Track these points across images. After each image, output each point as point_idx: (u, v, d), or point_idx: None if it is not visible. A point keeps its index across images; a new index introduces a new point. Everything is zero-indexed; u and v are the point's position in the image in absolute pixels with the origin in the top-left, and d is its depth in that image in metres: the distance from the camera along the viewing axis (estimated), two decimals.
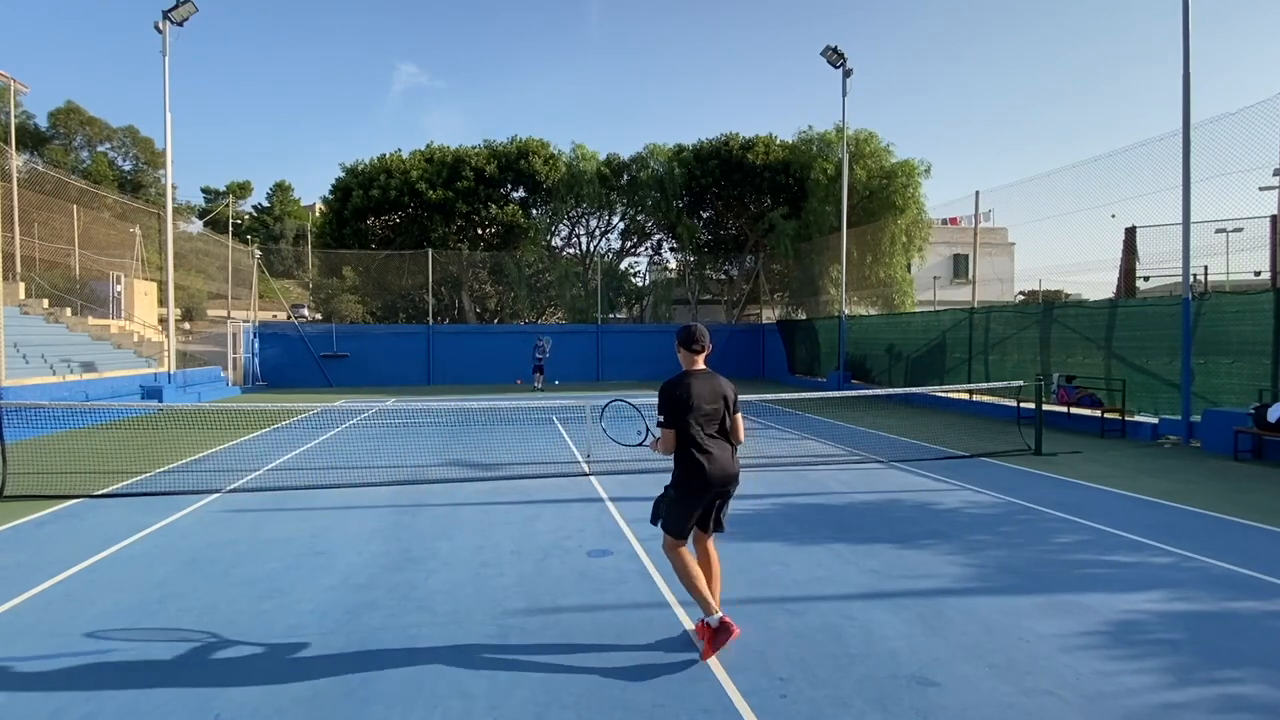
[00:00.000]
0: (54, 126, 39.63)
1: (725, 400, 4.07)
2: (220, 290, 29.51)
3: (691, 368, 4.11)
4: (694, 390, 3.98)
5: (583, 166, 29.14)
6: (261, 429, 13.84)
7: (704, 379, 4.06)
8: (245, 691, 3.56)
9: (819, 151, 27.93)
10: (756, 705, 3.39)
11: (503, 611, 4.58)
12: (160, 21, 17.94)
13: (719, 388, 4.08)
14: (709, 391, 4.02)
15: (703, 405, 3.97)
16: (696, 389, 3.99)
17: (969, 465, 9.72)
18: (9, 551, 5.98)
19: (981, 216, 18.34)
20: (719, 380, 4.12)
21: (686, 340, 4.11)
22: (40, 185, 24.43)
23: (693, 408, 3.95)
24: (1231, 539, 6.18)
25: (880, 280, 25.43)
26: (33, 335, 17.40)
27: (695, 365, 4.12)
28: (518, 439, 12.25)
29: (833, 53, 21.08)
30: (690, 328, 4.15)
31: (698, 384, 4.01)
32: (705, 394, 4.00)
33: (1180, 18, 11.52)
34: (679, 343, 4.15)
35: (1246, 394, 10.71)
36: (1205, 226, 12.84)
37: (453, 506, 7.52)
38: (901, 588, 4.99)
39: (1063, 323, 14.60)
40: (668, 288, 33.09)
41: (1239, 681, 3.61)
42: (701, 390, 4.00)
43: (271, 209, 64.20)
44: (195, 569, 5.49)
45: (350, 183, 29.27)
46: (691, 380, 4.02)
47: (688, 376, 4.05)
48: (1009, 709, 3.35)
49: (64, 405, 12.16)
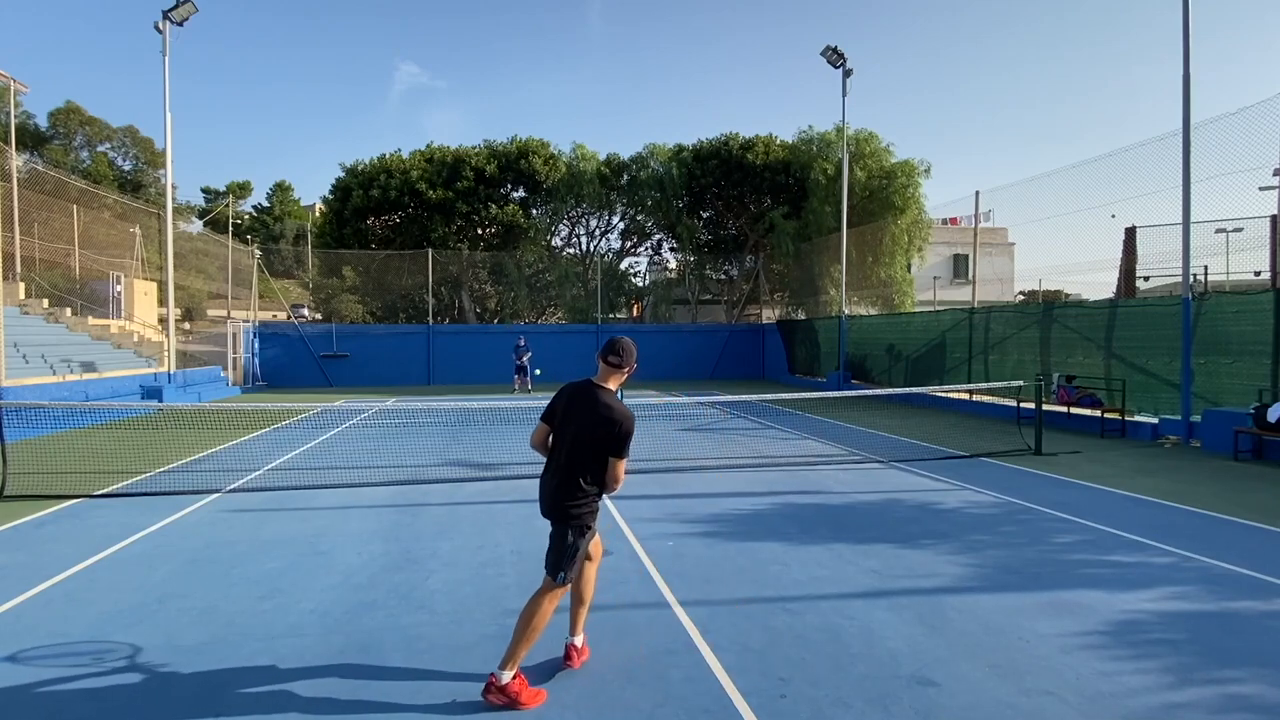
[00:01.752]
0: (54, 126, 39.62)
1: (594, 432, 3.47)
2: (220, 290, 29.52)
3: (599, 380, 3.62)
4: (568, 400, 3.59)
5: (583, 166, 29.15)
6: (261, 429, 13.84)
7: (589, 396, 3.55)
8: (245, 691, 3.55)
9: (819, 151, 27.93)
10: (756, 705, 3.39)
11: (503, 611, 4.58)
12: (160, 21, 17.95)
13: (596, 418, 3.47)
14: (583, 411, 3.51)
15: (568, 422, 3.54)
16: (574, 402, 3.57)
17: (969, 465, 9.72)
18: (9, 551, 5.98)
19: (981, 216, 18.34)
20: (602, 408, 3.48)
21: (604, 349, 3.63)
22: (40, 185, 24.41)
23: (557, 417, 3.61)
24: (1232, 539, 6.18)
25: (880, 280, 25.43)
26: (33, 335, 17.40)
27: (604, 381, 3.60)
28: (518, 439, 12.22)
29: (833, 53, 21.09)
30: (613, 339, 3.64)
31: (581, 398, 3.56)
32: (577, 413, 3.53)
33: (1180, 17, 11.53)
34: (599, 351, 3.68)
35: (1246, 394, 10.71)
36: (1205, 226, 12.85)
37: (453, 506, 7.52)
38: (901, 587, 4.99)
39: (1063, 323, 14.60)
40: (668, 288, 33.10)
41: (1239, 681, 3.61)
42: (577, 407, 3.54)
43: (271, 209, 64.16)
44: (195, 569, 5.49)
45: (350, 183, 29.28)
46: (576, 391, 3.61)
47: (576, 385, 3.64)
48: (1009, 709, 3.35)
49: (64, 405, 12.16)
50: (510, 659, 3.42)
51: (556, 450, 3.61)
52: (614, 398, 3.58)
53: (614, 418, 3.46)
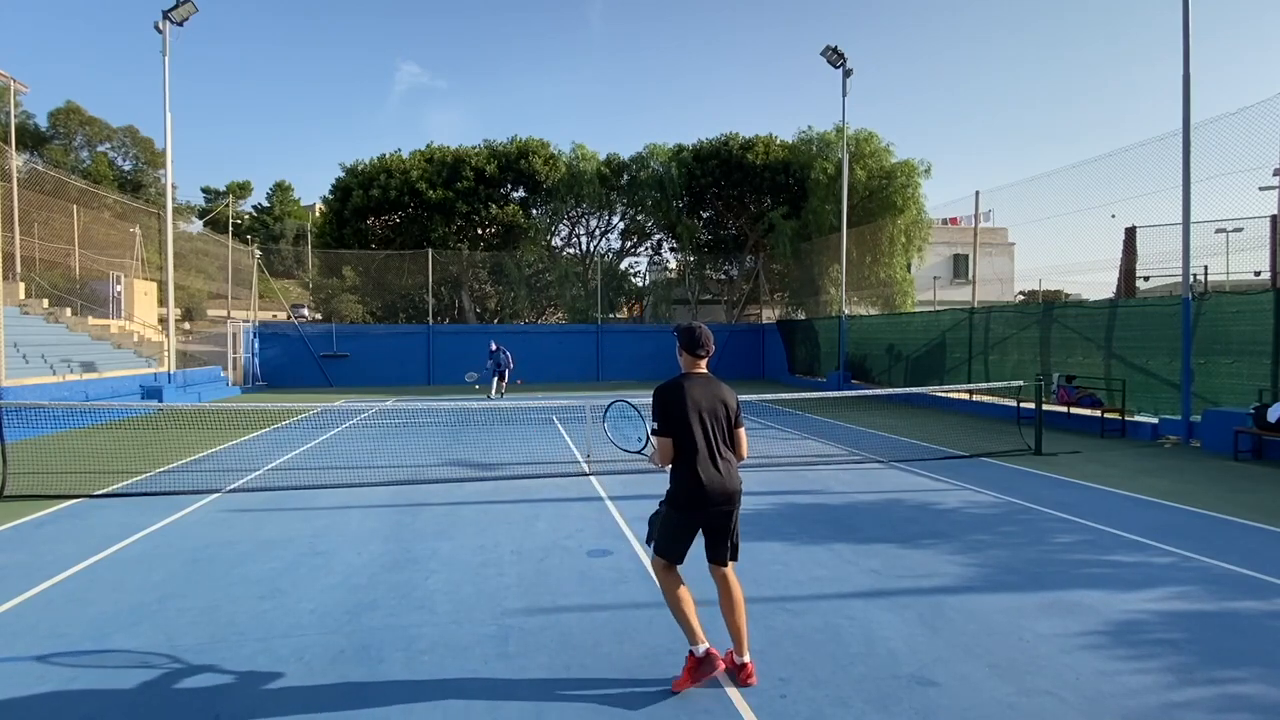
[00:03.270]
0: (54, 126, 39.62)
1: (727, 408, 3.71)
2: (220, 290, 29.51)
3: (691, 370, 3.77)
4: (693, 395, 3.63)
5: (583, 166, 29.15)
6: (261, 429, 13.84)
7: (704, 384, 3.71)
8: (245, 691, 3.55)
9: (819, 151, 27.93)
10: (756, 705, 3.39)
11: (503, 611, 4.58)
12: (160, 21, 17.96)
13: (720, 394, 3.71)
14: (709, 398, 3.67)
15: (702, 412, 3.63)
16: (696, 394, 3.65)
17: (969, 465, 9.71)
18: (9, 551, 5.98)
19: (981, 216, 18.33)
20: (720, 387, 3.75)
21: (690, 343, 3.74)
22: (40, 185, 24.40)
23: (691, 414, 3.60)
24: (1232, 539, 6.18)
25: (880, 280, 25.43)
26: (33, 335, 17.40)
27: (696, 369, 3.77)
28: (518, 439, 12.25)
29: (833, 53, 21.10)
30: (694, 330, 3.77)
31: (697, 389, 3.67)
32: (705, 400, 3.65)
33: (1180, 17, 11.53)
34: (681, 344, 3.77)
35: (1246, 394, 10.71)
36: (1205, 226, 12.85)
37: (453, 506, 7.52)
38: (901, 587, 4.99)
39: (1063, 323, 14.60)
40: (668, 288, 33.09)
41: (1239, 681, 3.61)
42: (701, 396, 3.65)
43: (271, 209, 64.15)
44: (195, 569, 5.49)
45: (350, 183, 29.29)
46: (690, 384, 3.68)
47: (686, 380, 3.70)
48: (1009, 709, 3.35)
49: (64, 405, 12.16)
50: (745, 644, 3.67)
51: (702, 442, 3.61)
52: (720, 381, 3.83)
53: (733, 393, 3.81)
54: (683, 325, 3.88)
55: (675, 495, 3.63)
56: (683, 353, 3.78)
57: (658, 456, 3.68)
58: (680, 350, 3.80)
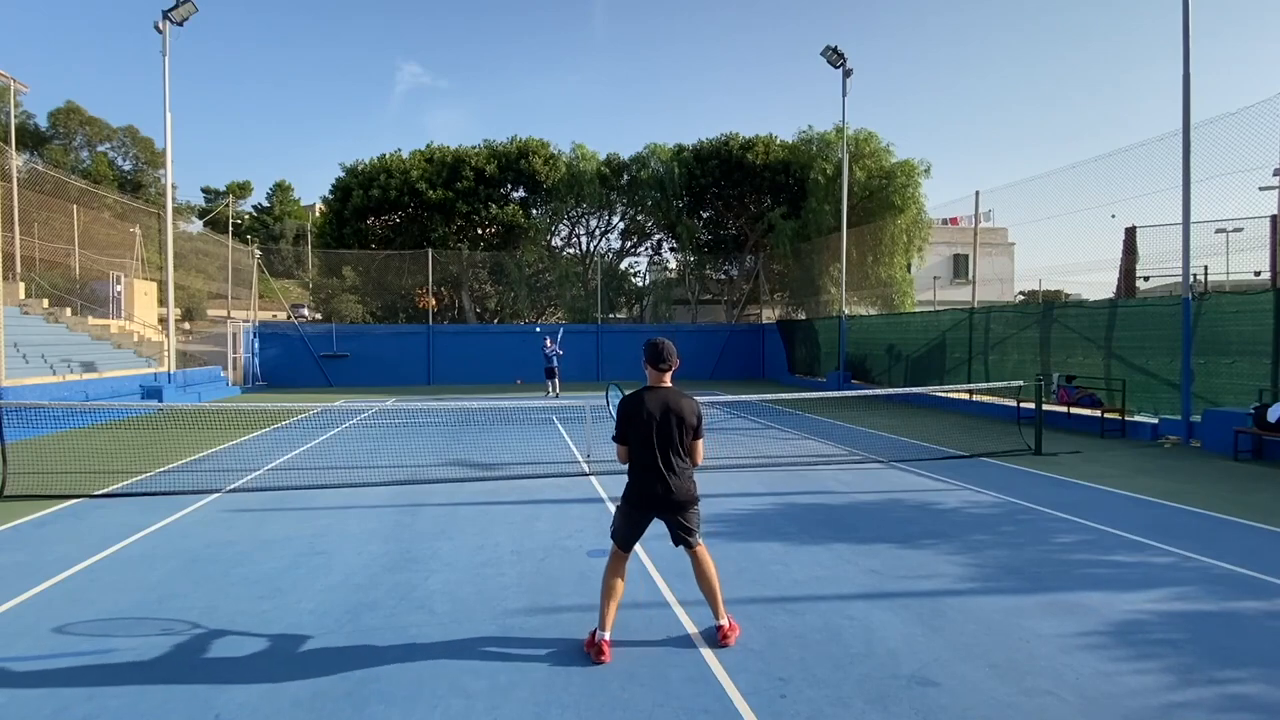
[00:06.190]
0: (54, 126, 39.64)
1: (683, 421, 3.99)
2: (220, 290, 29.52)
3: (656, 384, 4.07)
4: (649, 408, 3.96)
5: (583, 166, 29.15)
6: (261, 429, 13.84)
7: (662, 397, 4.01)
8: (245, 691, 3.55)
9: (819, 151, 27.93)
10: (756, 705, 3.39)
11: (503, 611, 4.58)
12: (160, 21, 17.96)
13: (677, 408, 3.99)
14: (663, 411, 3.97)
15: (656, 424, 3.94)
16: (651, 406, 3.97)
17: (969, 465, 9.71)
18: (9, 551, 5.98)
19: (981, 216, 18.34)
20: (680, 400, 4.04)
21: (654, 358, 4.05)
22: (40, 185, 24.41)
23: (645, 425, 3.94)
24: (1232, 539, 6.18)
25: (880, 280, 25.42)
26: (33, 335, 17.40)
27: (660, 382, 4.07)
28: (518, 439, 12.24)
29: (833, 53, 21.10)
30: (658, 345, 4.07)
31: (653, 402, 3.98)
32: (659, 413, 3.96)
33: (1180, 17, 11.52)
34: (646, 358, 4.08)
35: (1246, 394, 10.71)
36: (1205, 226, 12.84)
37: (453, 506, 7.52)
38: (901, 588, 4.99)
39: (1063, 323, 14.60)
40: (668, 288, 33.08)
41: (1240, 681, 3.61)
42: (656, 409, 3.96)
43: (271, 209, 64.15)
44: (195, 569, 5.49)
45: (350, 183, 29.28)
46: (649, 397, 4.00)
47: (646, 393, 4.03)
48: (1009, 709, 3.35)
49: (64, 405, 12.16)
50: (720, 608, 4.10)
51: (652, 451, 3.96)
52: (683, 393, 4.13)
53: (693, 406, 4.08)
54: (649, 340, 4.17)
55: (627, 492, 4.08)
56: (647, 366, 4.10)
57: (619, 456, 4.12)
58: (645, 364, 4.11)
